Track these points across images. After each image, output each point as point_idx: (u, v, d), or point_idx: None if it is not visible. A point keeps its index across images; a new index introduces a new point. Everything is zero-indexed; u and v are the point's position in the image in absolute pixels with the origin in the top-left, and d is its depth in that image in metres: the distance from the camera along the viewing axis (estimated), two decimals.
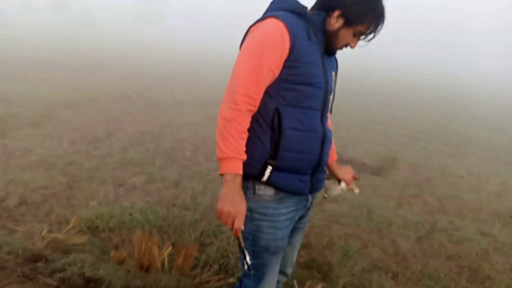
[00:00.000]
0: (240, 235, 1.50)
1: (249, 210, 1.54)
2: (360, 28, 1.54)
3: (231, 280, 2.66)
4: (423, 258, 3.33)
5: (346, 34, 1.55)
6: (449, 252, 3.48)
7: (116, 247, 2.89)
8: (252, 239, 1.59)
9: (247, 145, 1.48)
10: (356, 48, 1.63)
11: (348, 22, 1.53)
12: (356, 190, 1.94)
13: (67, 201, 3.63)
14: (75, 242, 2.86)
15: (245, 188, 1.53)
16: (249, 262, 1.57)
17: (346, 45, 1.60)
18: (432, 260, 3.30)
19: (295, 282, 2.70)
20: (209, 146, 5.91)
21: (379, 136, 8.05)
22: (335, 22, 1.54)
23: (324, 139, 1.59)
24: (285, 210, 1.60)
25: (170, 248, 2.71)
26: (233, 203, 1.43)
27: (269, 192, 1.55)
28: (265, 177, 1.52)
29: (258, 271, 1.63)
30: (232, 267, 2.81)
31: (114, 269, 2.56)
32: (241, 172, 1.45)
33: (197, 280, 2.60)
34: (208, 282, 2.60)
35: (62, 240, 2.86)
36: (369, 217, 3.98)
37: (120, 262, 2.64)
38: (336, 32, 1.55)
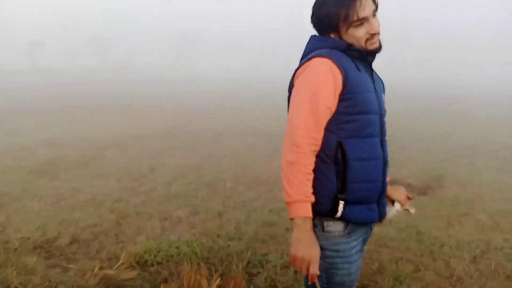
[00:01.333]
0: (316, 280, 1.45)
1: (320, 248, 1.50)
2: (354, 12, 1.50)
3: None
4: (479, 279, 3.17)
5: (355, 30, 1.53)
6: (508, 271, 3.29)
7: (166, 281, 2.93)
8: (326, 277, 1.54)
9: (313, 184, 1.46)
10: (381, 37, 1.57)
11: (342, 21, 1.51)
12: (412, 210, 1.89)
13: (116, 237, 3.74)
14: (125, 277, 2.93)
15: (313, 226, 1.50)
16: None
17: (372, 36, 1.54)
18: (490, 281, 3.13)
19: None
20: (250, 175, 5.95)
21: (422, 154, 7.84)
22: (342, 33, 1.54)
23: (385, 164, 1.59)
24: (355, 243, 1.57)
25: (218, 280, 2.72)
26: (307, 248, 1.41)
27: (338, 227, 1.52)
28: (339, 213, 1.49)
29: None
30: None
31: None
32: (310, 215, 1.44)
33: None
34: None
35: (113, 276, 2.94)
36: (419, 239, 3.85)
37: None
38: (352, 37, 1.54)
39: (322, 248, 1.50)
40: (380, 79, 1.72)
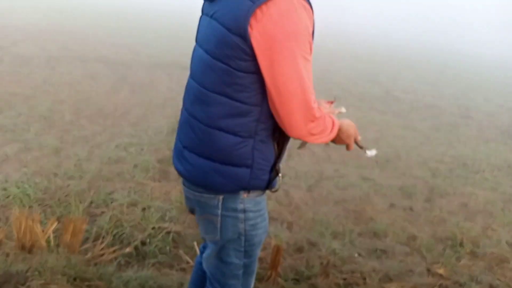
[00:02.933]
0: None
1: (243, 211, 1.36)
2: None
3: (128, 250, 2.54)
4: (314, 205, 3.54)
5: None
6: (336, 197, 3.75)
7: None
8: (245, 239, 1.40)
9: (253, 156, 1.30)
10: None
11: None
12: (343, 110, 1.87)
13: None
14: None
15: (237, 195, 1.34)
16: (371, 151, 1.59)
17: None
18: (322, 207, 3.52)
19: (195, 243, 2.68)
20: (92, 107, 5.47)
21: None
22: None
23: None
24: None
25: (55, 224, 2.47)
26: (348, 127, 1.49)
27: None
28: (276, 186, 1.39)
29: (250, 267, 1.48)
30: (127, 236, 2.68)
31: None
32: (338, 122, 1.42)
33: (89, 254, 2.43)
34: (102, 255, 2.45)
35: None
36: None
37: None
38: None
39: (245, 211, 1.37)
40: None
